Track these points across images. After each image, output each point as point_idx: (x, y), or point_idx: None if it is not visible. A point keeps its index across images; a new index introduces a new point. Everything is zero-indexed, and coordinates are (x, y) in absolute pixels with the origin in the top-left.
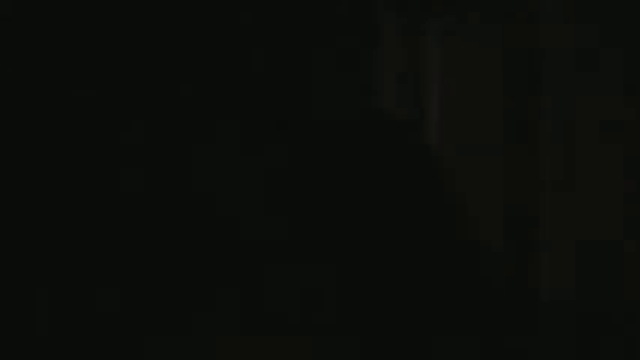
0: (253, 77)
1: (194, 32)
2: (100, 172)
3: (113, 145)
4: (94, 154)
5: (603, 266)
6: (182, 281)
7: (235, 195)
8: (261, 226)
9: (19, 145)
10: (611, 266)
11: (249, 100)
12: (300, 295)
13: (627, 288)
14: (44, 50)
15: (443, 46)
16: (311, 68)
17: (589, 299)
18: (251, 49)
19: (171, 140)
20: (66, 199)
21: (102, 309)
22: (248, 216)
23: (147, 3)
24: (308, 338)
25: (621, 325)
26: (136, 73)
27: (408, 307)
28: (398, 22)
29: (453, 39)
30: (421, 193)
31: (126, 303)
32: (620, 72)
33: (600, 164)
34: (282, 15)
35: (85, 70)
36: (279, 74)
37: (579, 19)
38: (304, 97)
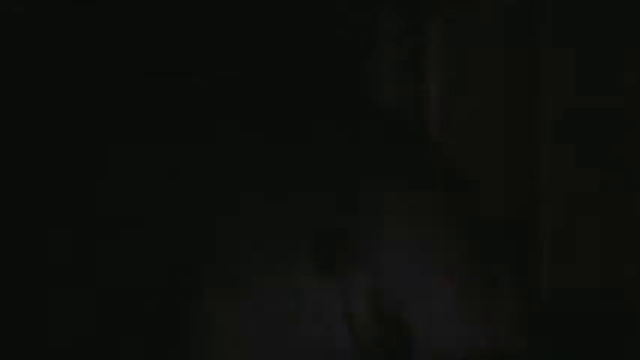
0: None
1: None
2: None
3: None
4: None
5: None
6: None
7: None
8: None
9: None
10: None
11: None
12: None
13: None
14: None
15: (443, 46)
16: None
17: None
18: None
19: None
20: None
21: None
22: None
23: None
24: None
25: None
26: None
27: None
28: (398, 22)
29: (453, 38)
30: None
31: None
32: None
33: (600, 164)
34: (282, 15)
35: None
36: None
37: (579, 20)
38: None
